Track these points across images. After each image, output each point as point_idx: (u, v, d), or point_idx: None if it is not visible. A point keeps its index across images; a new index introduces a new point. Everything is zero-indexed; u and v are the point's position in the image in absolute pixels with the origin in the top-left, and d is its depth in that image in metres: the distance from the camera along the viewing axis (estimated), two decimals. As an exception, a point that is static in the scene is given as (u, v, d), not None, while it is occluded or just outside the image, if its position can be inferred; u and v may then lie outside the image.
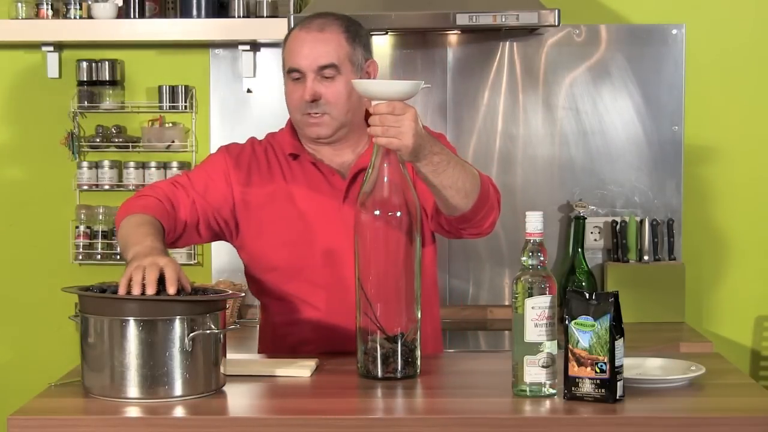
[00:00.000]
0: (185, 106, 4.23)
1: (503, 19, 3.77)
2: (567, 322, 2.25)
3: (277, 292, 2.80)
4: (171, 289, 2.27)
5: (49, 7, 4.11)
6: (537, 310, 2.25)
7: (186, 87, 4.23)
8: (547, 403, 2.24)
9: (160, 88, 4.23)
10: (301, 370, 2.47)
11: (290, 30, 2.80)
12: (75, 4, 4.10)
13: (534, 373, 2.26)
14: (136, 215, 2.61)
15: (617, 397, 2.22)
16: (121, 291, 2.28)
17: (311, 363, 2.52)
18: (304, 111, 2.73)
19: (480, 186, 2.58)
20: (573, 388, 2.23)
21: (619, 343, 2.23)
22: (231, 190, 2.78)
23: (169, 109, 4.24)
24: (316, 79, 2.71)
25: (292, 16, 3.80)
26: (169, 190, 2.73)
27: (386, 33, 4.08)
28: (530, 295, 2.26)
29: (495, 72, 4.20)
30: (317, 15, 2.79)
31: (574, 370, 2.23)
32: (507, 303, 4.18)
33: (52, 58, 4.22)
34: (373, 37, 2.91)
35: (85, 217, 4.22)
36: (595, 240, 4.19)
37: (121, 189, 4.23)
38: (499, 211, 2.72)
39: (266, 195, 2.78)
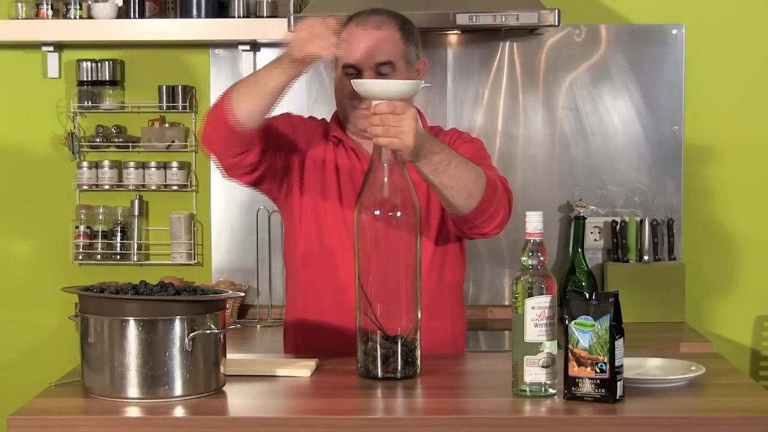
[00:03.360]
0: (185, 106, 4.23)
1: (503, 19, 3.77)
2: (567, 322, 2.25)
3: (312, 281, 2.81)
4: None
5: (49, 7, 4.11)
6: (537, 310, 2.25)
7: (186, 87, 4.23)
8: (547, 403, 2.24)
9: (160, 88, 4.23)
10: (301, 370, 2.47)
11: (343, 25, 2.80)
12: (75, 4, 4.10)
13: (534, 373, 2.26)
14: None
15: (617, 397, 2.22)
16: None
17: (311, 363, 2.52)
18: (356, 105, 2.77)
19: (485, 187, 2.58)
20: (573, 388, 2.23)
21: (619, 343, 2.23)
22: (303, 159, 2.81)
23: (169, 109, 4.24)
24: (371, 76, 2.72)
25: (292, 16, 3.81)
26: None
27: (386, 33, 4.07)
28: (530, 295, 2.26)
29: (495, 72, 4.20)
30: (372, 11, 2.81)
31: (574, 370, 2.23)
32: (507, 303, 4.18)
33: (52, 58, 4.22)
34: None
35: (85, 217, 4.22)
36: (595, 240, 4.19)
37: (121, 189, 4.23)
38: (510, 213, 2.72)
39: (315, 180, 2.81)
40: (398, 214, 2.43)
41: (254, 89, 2.58)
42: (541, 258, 2.28)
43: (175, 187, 4.21)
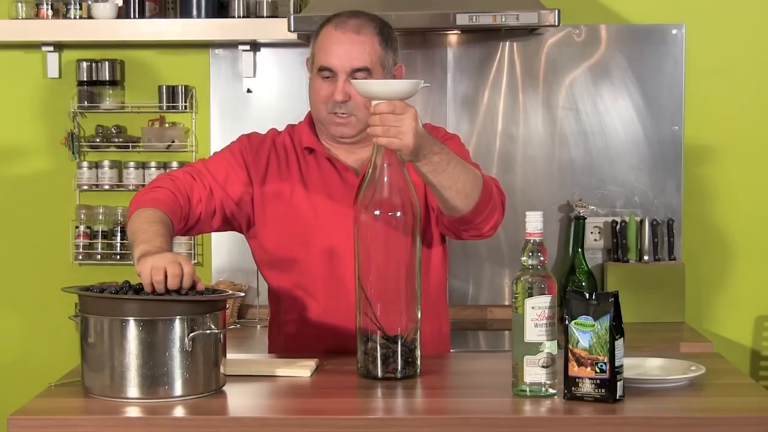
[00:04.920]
0: (185, 106, 4.23)
1: (503, 19, 3.77)
2: (567, 322, 2.25)
3: (287, 288, 2.80)
4: (196, 285, 2.32)
5: (49, 7, 4.11)
6: (537, 310, 2.25)
7: (186, 87, 4.23)
8: (547, 403, 2.24)
9: (160, 88, 4.23)
10: (301, 370, 2.47)
11: (322, 25, 2.78)
12: (75, 4, 4.10)
13: (534, 373, 2.26)
14: (147, 210, 2.60)
15: (617, 397, 2.22)
16: (148, 289, 2.30)
17: (311, 363, 2.52)
18: (330, 110, 2.73)
19: (482, 188, 2.58)
20: (573, 388, 2.23)
21: (619, 343, 2.23)
22: (251, 181, 2.78)
23: (169, 109, 4.24)
24: (347, 80, 2.70)
25: (292, 16, 3.80)
26: (186, 182, 2.72)
27: (386, 33, 4.07)
28: (530, 295, 2.26)
29: (495, 72, 4.20)
30: (351, 14, 2.77)
31: (574, 370, 2.23)
32: (507, 303, 4.18)
33: (52, 58, 4.22)
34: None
35: (85, 217, 4.22)
36: (595, 240, 4.19)
37: (121, 189, 4.23)
38: (503, 213, 2.71)
39: (281, 189, 2.78)
40: (398, 214, 2.43)
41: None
42: (541, 258, 2.28)
43: (175, 187, 4.21)
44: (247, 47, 4.16)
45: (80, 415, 2.21)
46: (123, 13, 4.11)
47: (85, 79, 4.21)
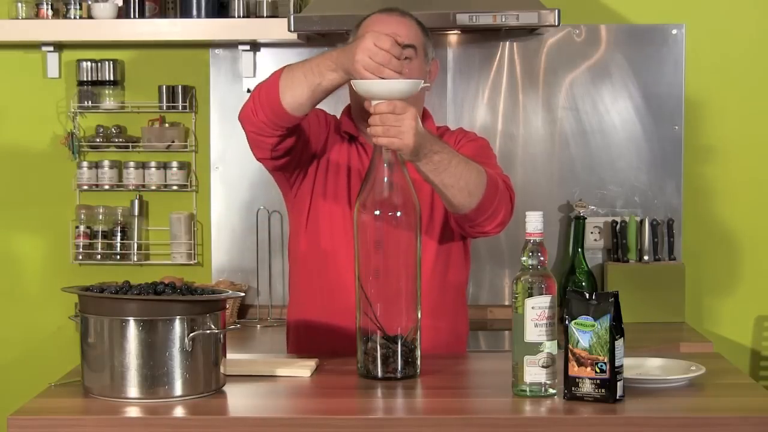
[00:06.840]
0: (185, 106, 4.23)
1: (503, 19, 3.77)
2: (567, 322, 2.25)
3: (297, 283, 2.81)
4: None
5: (49, 7, 4.11)
6: (537, 310, 2.25)
7: (186, 87, 4.23)
8: (547, 403, 2.24)
9: (160, 88, 4.23)
10: (301, 370, 2.47)
11: (362, 20, 2.83)
12: (75, 4, 4.10)
13: (534, 373, 2.26)
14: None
15: (617, 397, 2.22)
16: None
17: (311, 363, 2.52)
18: None
19: (486, 186, 2.58)
20: (573, 388, 2.23)
21: (619, 343, 2.23)
22: (319, 152, 2.81)
23: (169, 109, 4.24)
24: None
25: (292, 16, 3.81)
26: None
27: (386, 33, 4.07)
28: (530, 295, 2.26)
29: (495, 72, 4.20)
30: (391, 8, 2.84)
31: (574, 370, 2.23)
32: (507, 303, 4.18)
33: (52, 58, 4.22)
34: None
35: (85, 217, 4.22)
36: (595, 240, 4.19)
37: (121, 189, 4.23)
38: (511, 212, 2.71)
39: (326, 177, 2.80)
40: (398, 213, 2.43)
41: (307, 84, 2.52)
42: (541, 258, 2.28)
43: (175, 187, 4.22)
44: (247, 47, 4.16)
45: (80, 415, 2.21)
46: (123, 13, 4.11)
47: (85, 79, 4.21)
